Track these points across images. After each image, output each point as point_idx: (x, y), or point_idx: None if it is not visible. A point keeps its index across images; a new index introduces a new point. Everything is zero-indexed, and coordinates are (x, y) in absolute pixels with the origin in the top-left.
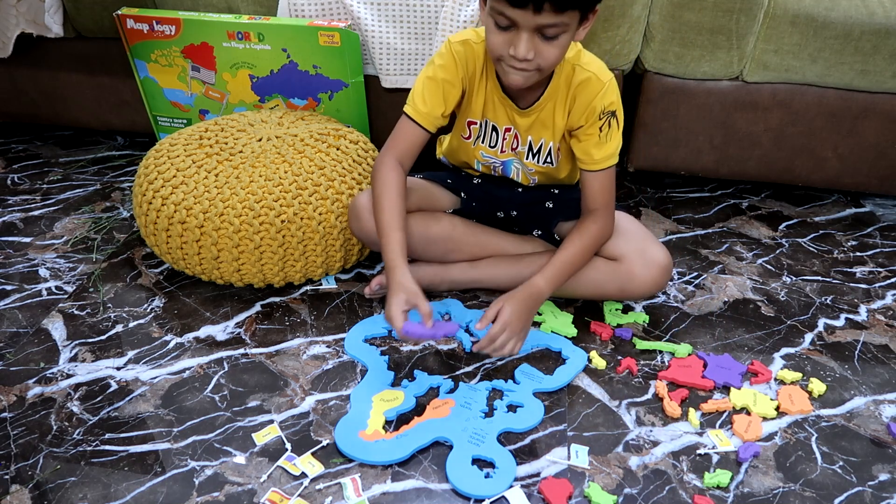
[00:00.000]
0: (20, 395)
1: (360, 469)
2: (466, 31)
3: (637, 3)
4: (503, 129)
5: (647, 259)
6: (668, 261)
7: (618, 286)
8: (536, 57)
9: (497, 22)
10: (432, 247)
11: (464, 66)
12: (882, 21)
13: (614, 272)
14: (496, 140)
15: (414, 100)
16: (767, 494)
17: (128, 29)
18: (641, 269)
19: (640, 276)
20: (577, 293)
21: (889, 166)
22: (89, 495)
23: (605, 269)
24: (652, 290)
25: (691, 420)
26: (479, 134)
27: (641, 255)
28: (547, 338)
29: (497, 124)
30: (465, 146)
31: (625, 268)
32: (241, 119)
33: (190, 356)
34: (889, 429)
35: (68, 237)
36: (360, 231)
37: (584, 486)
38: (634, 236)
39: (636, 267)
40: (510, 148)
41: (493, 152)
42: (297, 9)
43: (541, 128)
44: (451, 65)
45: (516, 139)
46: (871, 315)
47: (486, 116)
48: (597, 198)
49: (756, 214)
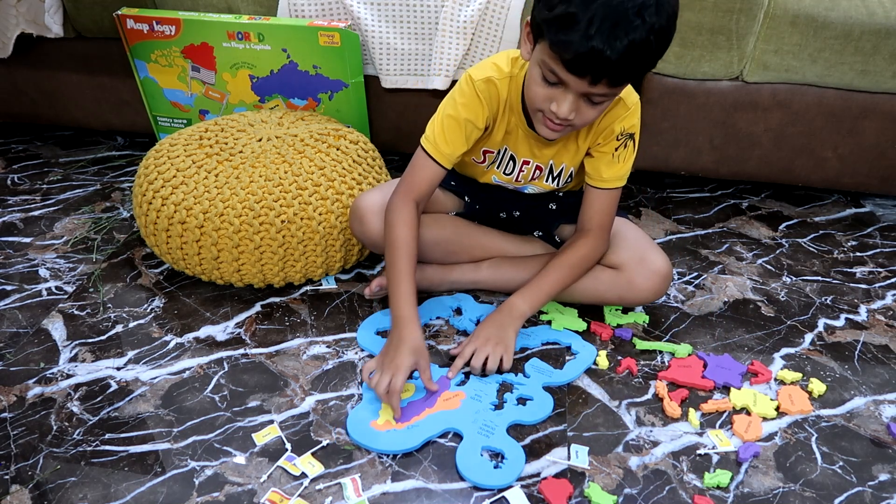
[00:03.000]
0: (20, 395)
1: (360, 469)
2: (486, 65)
3: None
4: (521, 160)
5: (647, 267)
6: (668, 268)
7: (617, 294)
8: (576, 117)
9: (546, 77)
10: (434, 248)
11: (488, 105)
12: (882, 21)
13: (613, 281)
14: (512, 168)
15: (435, 139)
16: (767, 494)
17: (128, 29)
18: (641, 279)
19: (640, 285)
20: (574, 299)
21: (889, 166)
22: (89, 495)
23: (603, 277)
24: (652, 299)
25: (691, 420)
26: (494, 160)
27: (641, 263)
28: (557, 333)
29: (516, 155)
30: (478, 168)
31: (624, 277)
32: (241, 119)
33: (190, 356)
34: (889, 429)
35: (68, 237)
36: (362, 234)
37: (584, 487)
38: (634, 244)
39: (636, 276)
40: (528, 178)
41: (509, 179)
42: (297, 9)
43: (563, 154)
44: (476, 104)
45: (538, 170)
46: (871, 315)
47: (506, 145)
48: (595, 217)
49: (756, 214)
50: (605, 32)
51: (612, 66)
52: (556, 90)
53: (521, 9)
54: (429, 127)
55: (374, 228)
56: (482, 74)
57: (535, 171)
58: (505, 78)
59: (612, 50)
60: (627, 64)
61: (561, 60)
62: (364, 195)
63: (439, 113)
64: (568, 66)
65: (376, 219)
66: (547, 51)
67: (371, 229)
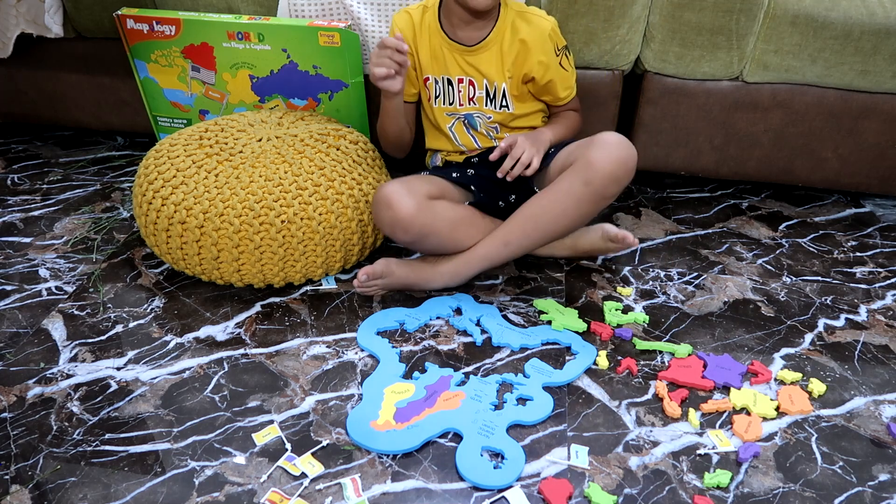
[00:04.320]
0: (20, 395)
1: (360, 469)
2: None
3: (637, 3)
4: (456, 79)
5: (599, 141)
6: (619, 138)
7: (582, 180)
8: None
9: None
10: (453, 233)
11: (407, 34)
12: (882, 21)
13: (575, 176)
14: (452, 95)
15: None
16: (767, 495)
17: (128, 29)
18: (596, 153)
19: (598, 159)
20: (559, 228)
21: (889, 166)
22: (89, 495)
23: (567, 180)
24: (617, 171)
25: (691, 420)
26: (436, 92)
27: (591, 143)
28: (557, 333)
29: (450, 76)
30: (433, 116)
31: (581, 162)
32: (241, 119)
33: (190, 356)
34: (889, 429)
35: (68, 237)
36: (392, 219)
37: (584, 487)
38: (582, 141)
39: (591, 154)
40: (468, 100)
41: (454, 108)
42: (297, 9)
43: (489, 66)
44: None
45: (472, 86)
46: (871, 315)
47: (437, 68)
48: (570, 107)
49: (756, 215)
50: None
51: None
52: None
53: None
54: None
55: (404, 206)
56: (399, 12)
57: (470, 90)
58: (419, 7)
59: None
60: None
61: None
62: (383, 186)
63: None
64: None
65: (403, 198)
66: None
67: (400, 209)
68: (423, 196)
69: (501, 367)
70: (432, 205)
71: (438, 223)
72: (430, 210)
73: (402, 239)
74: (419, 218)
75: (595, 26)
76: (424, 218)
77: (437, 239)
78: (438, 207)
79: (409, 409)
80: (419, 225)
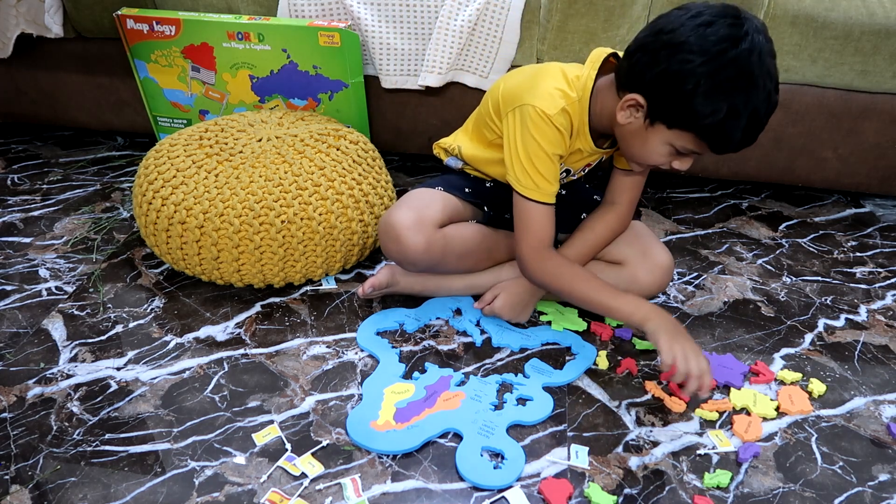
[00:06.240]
0: (20, 395)
1: (360, 469)
2: (550, 93)
3: (637, 3)
4: (574, 172)
5: (651, 262)
6: (670, 262)
7: (623, 288)
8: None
9: (679, 150)
10: (466, 258)
11: (567, 134)
12: (882, 21)
13: (617, 277)
14: (563, 179)
15: (537, 184)
16: (767, 495)
17: (128, 29)
18: (645, 274)
19: (643, 279)
20: (574, 299)
21: (889, 166)
22: (89, 495)
23: (607, 274)
24: (655, 293)
25: (702, 413)
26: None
27: (644, 258)
28: (557, 334)
29: (573, 168)
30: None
31: (627, 272)
32: (241, 119)
33: (190, 356)
34: (889, 429)
35: (68, 237)
36: (399, 253)
37: (584, 487)
38: (637, 239)
39: (640, 271)
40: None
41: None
42: (297, 9)
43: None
44: (558, 138)
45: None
46: (871, 315)
47: (565, 163)
48: (626, 193)
49: (756, 215)
50: (753, 131)
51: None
52: (683, 156)
53: (521, 9)
54: (519, 175)
55: (412, 244)
56: (555, 107)
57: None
58: (574, 103)
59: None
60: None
61: (711, 149)
62: (390, 213)
63: (522, 156)
64: (716, 151)
65: (412, 234)
66: (694, 140)
67: (409, 246)
68: (432, 227)
69: (501, 367)
70: (443, 236)
71: (448, 257)
72: (440, 244)
73: (408, 269)
74: (429, 254)
75: (595, 26)
76: (434, 254)
77: (445, 269)
78: (449, 239)
79: (409, 410)
80: (428, 261)
